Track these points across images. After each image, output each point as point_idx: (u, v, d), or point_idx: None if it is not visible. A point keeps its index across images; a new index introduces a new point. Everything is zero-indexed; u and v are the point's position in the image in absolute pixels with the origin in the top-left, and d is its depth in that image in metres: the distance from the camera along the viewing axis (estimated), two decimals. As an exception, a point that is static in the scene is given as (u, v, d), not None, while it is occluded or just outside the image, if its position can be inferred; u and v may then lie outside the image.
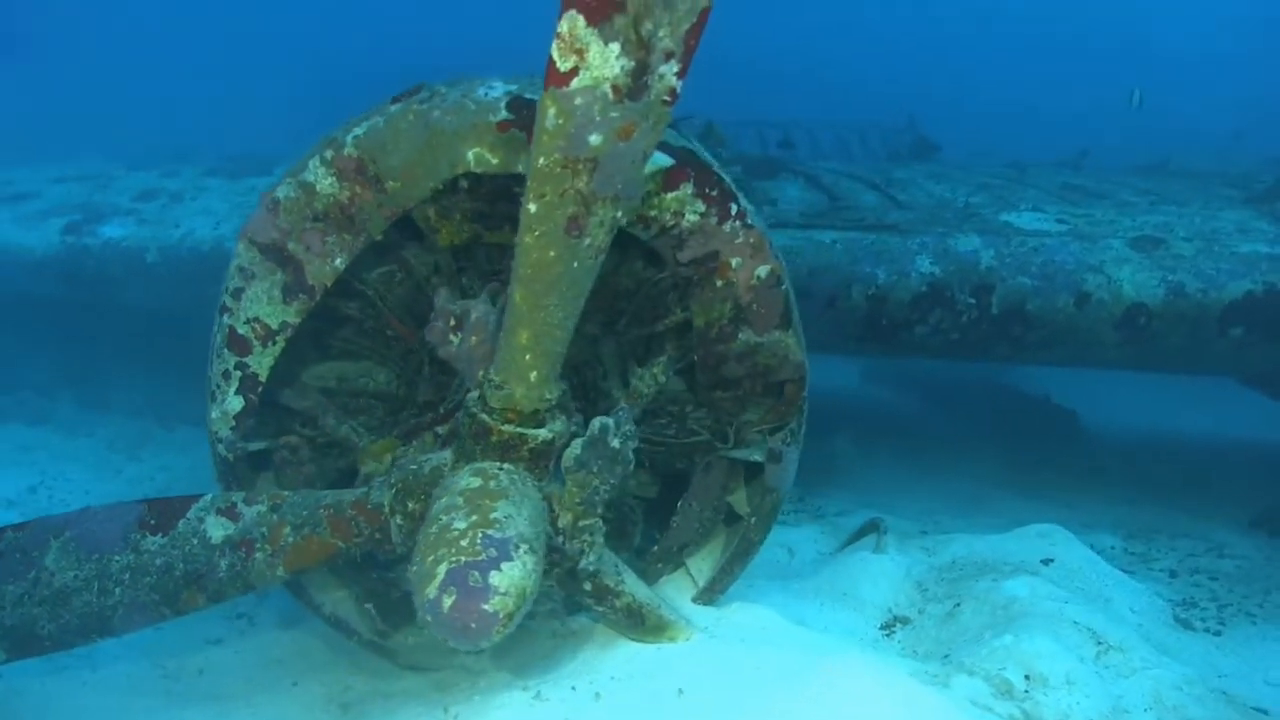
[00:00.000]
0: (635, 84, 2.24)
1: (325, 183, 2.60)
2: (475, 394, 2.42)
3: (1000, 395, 8.19)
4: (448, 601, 1.97)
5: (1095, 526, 4.92)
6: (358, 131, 2.59)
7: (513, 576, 2.02)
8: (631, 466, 2.50)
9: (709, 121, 4.19)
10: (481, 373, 2.46)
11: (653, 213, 2.68)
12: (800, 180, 5.92)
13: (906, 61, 30.86)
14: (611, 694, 2.30)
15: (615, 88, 2.21)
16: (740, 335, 2.85)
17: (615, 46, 2.18)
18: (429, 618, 2.00)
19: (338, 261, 2.67)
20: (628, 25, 2.18)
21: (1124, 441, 7.58)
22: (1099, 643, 3.09)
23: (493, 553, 2.04)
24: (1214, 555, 4.55)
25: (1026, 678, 2.77)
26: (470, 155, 2.52)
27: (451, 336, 2.61)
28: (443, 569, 2.01)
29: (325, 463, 2.93)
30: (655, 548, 2.95)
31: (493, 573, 2.01)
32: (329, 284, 2.66)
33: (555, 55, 2.16)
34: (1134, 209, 5.42)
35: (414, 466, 2.45)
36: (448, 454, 2.45)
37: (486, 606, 1.97)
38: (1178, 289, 4.71)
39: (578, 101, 2.19)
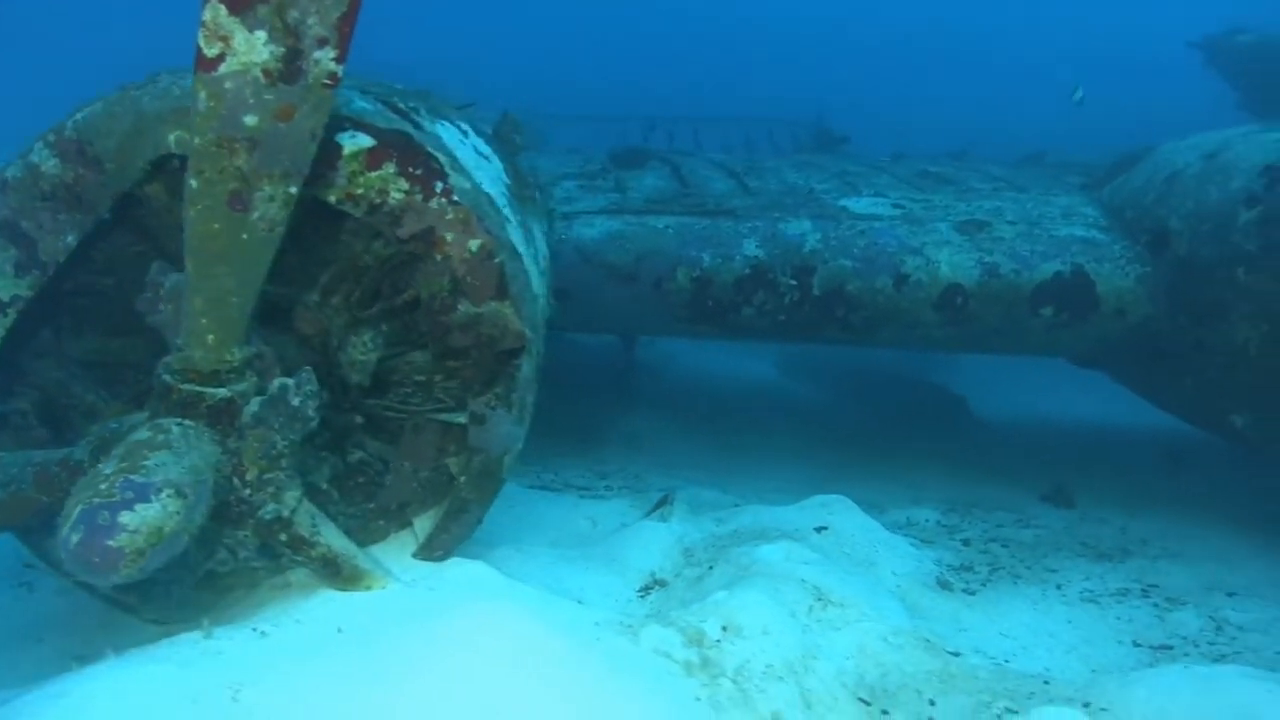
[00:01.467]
0: (288, 68, 2.43)
1: (49, 164, 2.80)
2: (166, 357, 2.62)
3: (901, 384, 8.36)
4: (75, 538, 2.15)
5: (922, 501, 5.09)
6: (79, 116, 2.79)
7: (146, 516, 2.21)
8: (314, 423, 2.70)
9: (505, 111, 4.37)
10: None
11: (359, 191, 2.87)
12: (664, 170, 6.11)
13: (854, 63, 31.13)
14: (275, 632, 2.48)
15: (266, 72, 2.40)
16: (460, 307, 3.04)
17: (261, 34, 2.37)
18: (63, 555, 2.19)
19: (69, 239, 2.86)
20: (271, 14, 2.37)
21: (1007, 425, 7.72)
22: (819, 599, 3.25)
23: (129, 495, 2.23)
24: (1019, 526, 4.71)
25: (724, 629, 2.93)
26: (171, 138, 2.72)
27: (162, 306, 2.81)
28: (78, 509, 2.20)
29: (76, 430, 3.12)
30: (371, 505, 3.13)
31: (124, 512, 2.19)
32: (61, 260, 2.86)
33: (201, 42, 2.35)
34: (975, 195, 5.58)
35: (114, 425, 2.64)
36: (144, 414, 2.65)
37: (111, 543, 2.15)
38: (992, 270, 4.87)
39: (227, 85, 2.38)
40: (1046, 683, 3.03)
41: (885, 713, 2.80)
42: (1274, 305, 4.07)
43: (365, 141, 2.86)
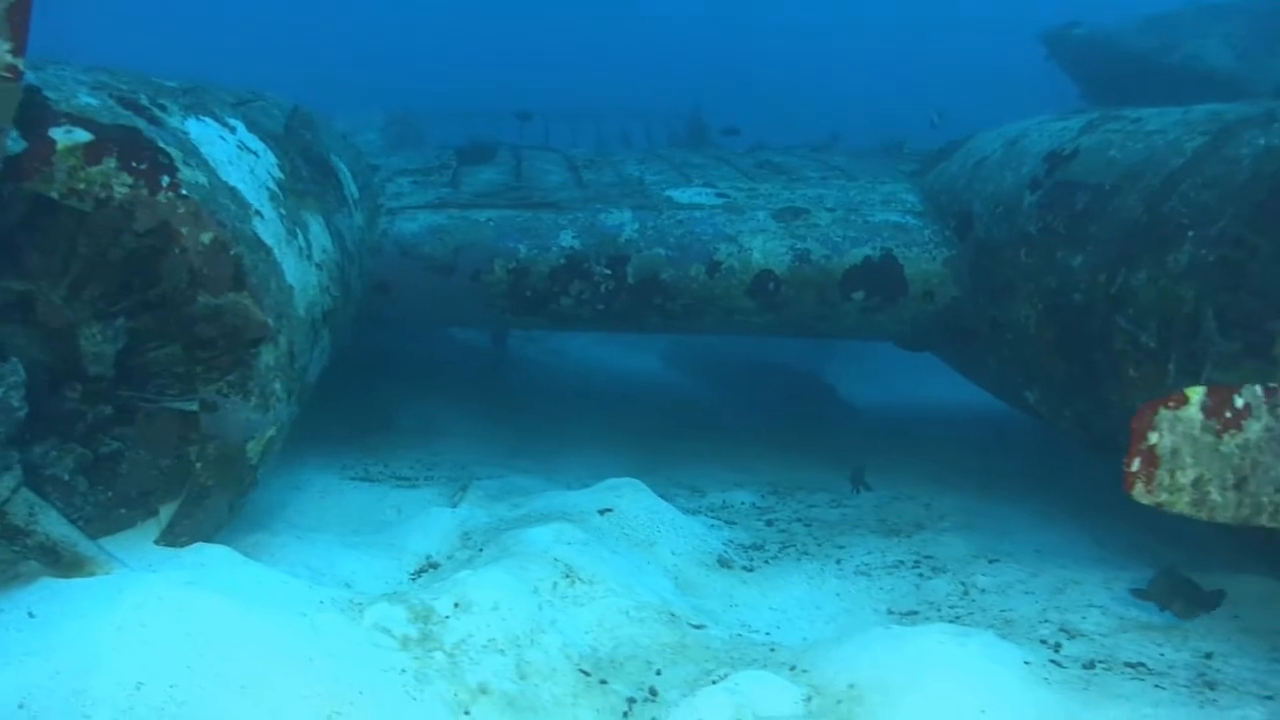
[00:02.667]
0: (-40, 63, 2.48)
1: None
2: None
3: (773, 373, 8.51)
4: None
5: (746, 484, 5.20)
6: None
7: None
8: (21, 414, 2.76)
9: (295, 105, 4.42)
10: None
11: (81, 186, 2.92)
12: (507, 164, 6.19)
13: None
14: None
15: (-61, 66, 2.45)
16: (200, 298, 3.11)
17: (-72, 28, 2.42)
18: None
19: None
20: (-64, 8, 2.42)
21: (876, 411, 7.89)
22: (567, 576, 3.34)
23: None
24: (831, 506, 4.83)
25: (455, 605, 3.01)
26: None
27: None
28: None
29: None
30: (110, 494, 3.18)
31: None
32: None
33: None
34: (805, 183, 5.71)
35: None
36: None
37: None
38: (804, 256, 4.99)
39: (-101, 80, 2.43)
40: (772, 650, 3.14)
41: (604, 682, 2.89)
42: (1048, 284, 4.22)
43: (82, 137, 2.91)
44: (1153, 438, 2.00)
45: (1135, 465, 2.02)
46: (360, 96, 10.67)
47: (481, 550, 3.65)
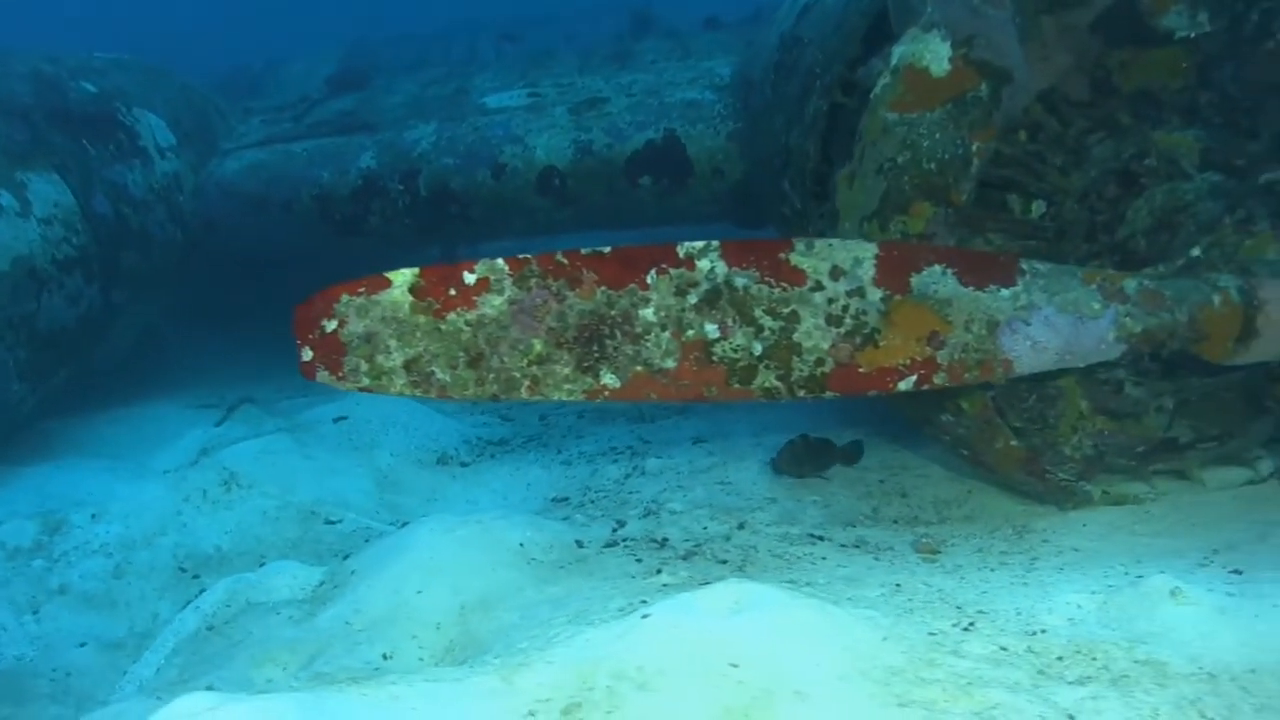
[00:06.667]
0: None
1: None
2: None
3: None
4: None
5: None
6: None
7: None
8: None
9: (37, 68, 4.73)
10: None
11: None
12: (370, 92, 6.34)
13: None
14: None
15: None
16: None
17: None
18: None
19: None
20: None
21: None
22: (226, 483, 3.63)
23: None
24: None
25: (92, 517, 3.37)
26: None
27: None
28: None
29: None
30: None
31: None
32: None
33: None
34: (633, 70, 5.56)
35: None
36: None
37: None
38: (585, 147, 4.93)
39: None
40: (380, 536, 3.31)
41: (196, 577, 3.18)
42: (762, 151, 4.02)
43: None
44: (330, 325, 2.01)
45: (307, 355, 2.03)
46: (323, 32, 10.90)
47: (195, 463, 3.97)
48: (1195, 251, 2.56)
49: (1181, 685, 1.81)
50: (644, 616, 1.92)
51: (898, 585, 2.37)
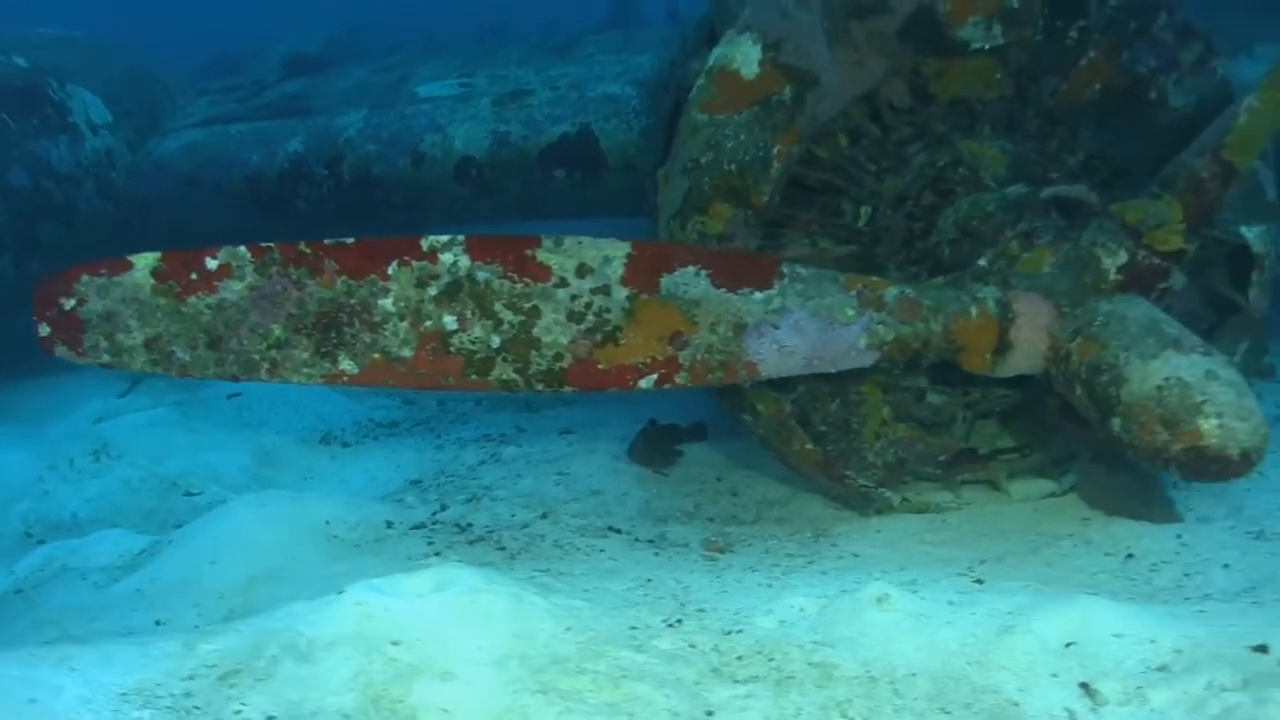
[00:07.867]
0: None
1: None
2: None
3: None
4: None
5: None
6: None
7: None
8: None
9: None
10: None
11: None
12: (324, 76, 6.45)
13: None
14: None
15: None
16: None
17: None
18: None
19: None
20: None
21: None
22: (96, 453, 3.76)
23: None
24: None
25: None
26: None
27: None
28: None
29: None
30: None
31: None
32: None
33: None
34: (573, 63, 5.59)
35: None
36: None
37: None
38: (503, 139, 4.98)
39: None
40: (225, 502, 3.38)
41: (41, 543, 3.29)
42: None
43: None
44: (69, 304, 2.09)
45: (44, 330, 2.12)
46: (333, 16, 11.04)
47: (74, 433, 4.10)
48: (982, 262, 2.57)
49: (840, 687, 1.84)
50: (339, 592, 1.98)
51: (649, 580, 2.41)
